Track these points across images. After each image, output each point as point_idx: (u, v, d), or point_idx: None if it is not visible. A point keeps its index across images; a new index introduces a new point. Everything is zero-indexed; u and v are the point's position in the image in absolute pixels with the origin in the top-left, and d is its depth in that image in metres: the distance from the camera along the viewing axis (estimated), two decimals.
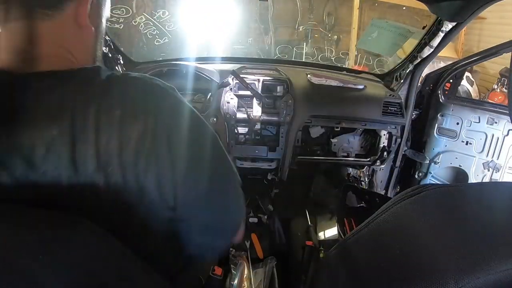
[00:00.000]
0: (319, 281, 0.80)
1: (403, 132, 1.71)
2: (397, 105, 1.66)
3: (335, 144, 1.81)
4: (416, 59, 1.54)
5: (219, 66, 1.80)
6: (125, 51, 1.76)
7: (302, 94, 1.61)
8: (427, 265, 0.45)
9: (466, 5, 1.12)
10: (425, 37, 1.44)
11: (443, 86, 1.72)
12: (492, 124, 1.61)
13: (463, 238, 0.46)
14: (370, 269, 0.57)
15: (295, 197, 2.02)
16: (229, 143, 1.61)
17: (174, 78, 1.71)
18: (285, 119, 1.59)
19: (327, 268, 0.78)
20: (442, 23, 1.29)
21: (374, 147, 1.80)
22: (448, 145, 1.77)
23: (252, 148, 1.64)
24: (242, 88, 1.62)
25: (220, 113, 1.59)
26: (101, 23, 0.57)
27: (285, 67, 1.89)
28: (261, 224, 1.69)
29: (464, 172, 1.73)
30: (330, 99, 1.64)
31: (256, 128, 1.65)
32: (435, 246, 0.47)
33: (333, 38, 4.63)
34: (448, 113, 1.74)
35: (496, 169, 1.62)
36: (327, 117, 1.64)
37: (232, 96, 1.60)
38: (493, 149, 1.62)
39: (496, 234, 0.46)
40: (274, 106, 1.65)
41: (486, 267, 0.41)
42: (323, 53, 4.64)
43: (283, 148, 1.62)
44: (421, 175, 1.88)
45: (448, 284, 0.41)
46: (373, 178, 1.94)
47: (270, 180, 1.74)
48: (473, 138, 1.67)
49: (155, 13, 4.21)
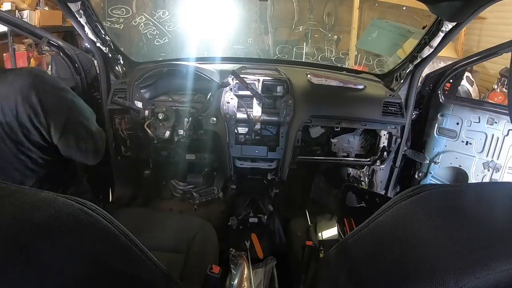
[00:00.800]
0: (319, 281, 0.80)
1: (403, 132, 1.71)
2: (397, 105, 1.66)
3: (335, 144, 1.81)
4: (416, 59, 1.54)
5: (219, 66, 1.81)
6: (125, 51, 1.76)
7: (302, 94, 1.61)
8: (427, 265, 0.44)
9: (466, 5, 1.11)
10: (425, 37, 1.44)
11: (443, 86, 1.72)
12: (492, 124, 1.61)
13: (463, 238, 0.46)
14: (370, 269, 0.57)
15: (295, 197, 2.02)
16: (229, 143, 1.61)
17: (174, 78, 1.71)
18: (285, 119, 1.59)
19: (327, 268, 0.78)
20: (442, 23, 1.29)
21: (374, 147, 1.80)
22: (448, 145, 1.77)
23: (252, 148, 1.64)
24: (242, 88, 1.62)
25: (220, 113, 1.59)
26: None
27: (285, 67, 1.89)
28: (261, 224, 1.69)
29: (464, 172, 1.73)
30: (330, 99, 1.64)
31: (256, 128, 1.65)
32: (435, 246, 0.47)
33: (333, 38, 4.63)
34: (448, 113, 1.74)
35: (496, 169, 1.62)
36: (327, 117, 1.64)
37: (232, 96, 1.60)
38: (493, 149, 1.62)
39: (496, 234, 0.46)
40: (274, 106, 1.65)
41: (486, 267, 0.41)
42: (323, 53, 4.63)
43: (283, 148, 1.62)
44: (421, 175, 1.88)
45: (448, 284, 0.41)
46: (373, 178, 1.94)
47: (270, 180, 1.74)
48: (473, 138, 1.67)
49: (155, 13, 4.21)
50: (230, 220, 1.68)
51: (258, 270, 1.41)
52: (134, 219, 1.32)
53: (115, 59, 1.66)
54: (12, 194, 0.43)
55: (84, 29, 1.42)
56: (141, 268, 0.53)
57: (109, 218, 0.48)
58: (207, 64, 1.82)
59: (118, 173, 1.88)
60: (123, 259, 0.49)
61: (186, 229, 1.23)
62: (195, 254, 1.12)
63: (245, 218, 1.70)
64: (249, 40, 4.50)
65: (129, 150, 1.75)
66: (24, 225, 0.39)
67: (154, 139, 1.59)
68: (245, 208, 1.75)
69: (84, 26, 1.40)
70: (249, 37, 4.49)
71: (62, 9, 1.31)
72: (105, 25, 1.55)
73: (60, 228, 0.41)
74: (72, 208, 0.44)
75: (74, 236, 0.42)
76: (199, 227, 1.25)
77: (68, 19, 1.43)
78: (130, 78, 1.63)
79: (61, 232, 0.41)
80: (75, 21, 1.37)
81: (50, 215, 0.41)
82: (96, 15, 1.43)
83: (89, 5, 1.35)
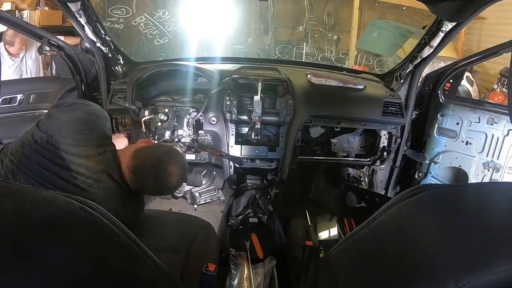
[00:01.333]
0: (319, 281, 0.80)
1: (403, 132, 1.71)
2: (397, 105, 1.65)
3: (335, 144, 1.81)
4: (416, 59, 1.54)
5: (219, 66, 1.81)
6: (125, 51, 1.76)
7: (302, 94, 1.61)
8: (427, 265, 0.44)
9: (466, 5, 1.11)
10: (425, 37, 1.43)
11: (443, 86, 1.72)
12: (492, 124, 1.60)
13: (463, 238, 0.46)
14: (370, 269, 0.57)
15: (295, 197, 2.02)
16: (229, 143, 1.61)
17: (174, 78, 1.71)
18: (285, 119, 1.59)
19: (327, 268, 0.78)
20: (442, 23, 1.29)
21: (374, 147, 1.80)
22: (448, 145, 1.76)
23: (252, 148, 1.64)
24: (242, 88, 1.62)
25: (220, 113, 1.59)
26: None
27: (285, 67, 1.89)
28: (261, 224, 1.69)
29: (464, 172, 1.73)
30: (330, 99, 1.64)
31: (256, 128, 1.65)
32: (435, 246, 0.47)
33: (333, 38, 4.62)
34: (448, 113, 1.74)
35: (496, 169, 1.62)
36: (327, 117, 1.64)
37: (232, 96, 1.61)
38: (493, 149, 1.61)
39: (496, 234, 0.46)
40: (274, 106, 1.64)
41: (486, 267, 0.41)
42: (323, 53, 4.63)
43: (283, 148, 1.62)
44: (421, 175, 1.88)
45: (448, 284, 0.41)
46: (373, 178, 1.94)
47: (270, 180, 1.74)
48: (473, 138, 1.67)
49: (155, 13, 4.20)
50: (230, 220, 1.68)
51: (258, 270, 1.41)
52: None
53: (115, 59, 1.66)
54: (13, 193, 0.43)
55: (84, 29, 1.42)
56: (141, 267, 0.53)
57: (109, 217, 0.48)
58: (207, 64, 1.82)
59: None
60: (123, 258, 0.49)
61: (186, 229, 1.23)
62: (195, 254, 1.12)
63: (245, 218, 1.70)
64: (249, 40, 4.50)
65: None
66: (24, 223, 0.39)
67: (154, 139, 1.59)
68: (245, 208, 1.75)
69: (84, 26, 1.40)
70: (249, 37, 4.49)
71: (62, 9, 1.31)
72: (105, 25, 1.55)
73: (60, 227, 0.41)
74: (73, 206, 0.44)
75: (74, 234, 0.42)
76: (199, 227, 1.25)
77: (68, 19, 1.43)
78: (130, 78, 1.63)
79: (62, 231, 0.41)
80: (75, 21, 1.37)
81: (51, 214, 0.41)
82: (96, 15, 1.43)
83: (89, 5, 1.35)
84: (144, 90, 1.67)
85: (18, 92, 1.74)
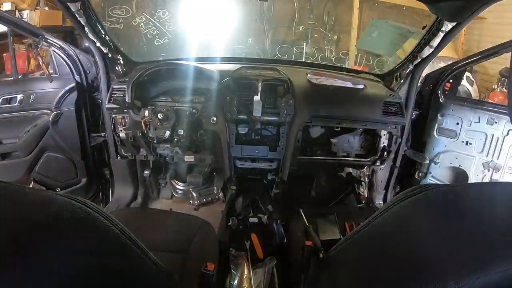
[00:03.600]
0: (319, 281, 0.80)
1: (403, 132, 1.71)
2: (397, 105, 1.65)
3: (335, 144, 1.81)
4: (416, 59, 1.54)
5: (219, 66, 1.80)
6: (125, 51, 1.76)
7: (303, 94, 1.61)
8: (427, 265, 0.44)
9: (466, 5, 1.11)
10: (425, 37, 1.43)
11: (443, 86, 1.71)
12: (492, 124, 1.60)
13: (463, 238, 0.46)
14: (370, 269, 0.57)
15: (295, 197, 2.02)
16: (229, 143, 1.61)
17: (174, 78, 1.71)
18: (286, 119, 1.59)
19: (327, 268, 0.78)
20: (442, 23, 1.29)
21: (374, 147, 1.80)
22: (448, 145, 1.76)
23: (253, 148, 1.64)
24: (242, 88, 1.62)
25: (220, 113, 1.58)
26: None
27: (285, 67, 1.89)
28: (261, 224, 1.69)
29: (464, 172, 1.73)
30: (330, 99, 1.64)
31: (257, 128, 1.65)
32: (435, 246, 0.47)
33: (333, 38, 4.62)
34: (448, 113, 1.74)
35: (496, 169, 1.62)
36: (327, 117, 1.64)
37: (232, 96, 1.60)
38: (493, 149, 1.61)
39: (496, 234, 0.46)
40: (274, 106, 1.64)
41: (486, 267, 0.41)
42: (323, 53, 4.62)
43: (283, 148, 1.62)
44: (421, 175, 1.88)
45: (448, 284, 0.41)
46: (373, 178, 1.93)
47: (270, 180, 1.74)
48: (473, 138, 1.67)
49: (155, 13, 4.20)
50: (230, 220, 1.67)
51: (258, 270, 1.41)
52: (134, 219, 1.32)
53: (115, 59, 1.66)
54: (12, 193, 0.43)
55: (84, 29, 1.42)
56: (141, 267, 0.53)
57: (109, 217, 0.48)
58: (207, 64, 1.82)
59: (117, 173, 1.88)
60: (123, 258, 0.49)
61: (186, 229, 1.23)
62: (195, 254, 1.12)
63: (245, 218, 1.70)
64: (249, 40, 4.50)
65: (129, 150, 1.75)
66: (24, 224, 0.39)
67: (154, 139, 1.59)
68: (245, 208, 1.75)
69: (84, 26, 1.40)
70: (249, 37, 4.49)
71: (62, 9, 1.31)
72: (105, 25, 1.55)
73: (60, 227, 0.41)
74: (72, 207, 0.44)
75: (74, 234, 0.42)
76: (199, 227, 1.25)
77: (68, 19, 1.43)
78: (130, 78, 1.63)
79: (61, 231, 0.41)
80: (75, 21, 1.37)
81: (50, 214, 0.41)
82: (96, 15, 1.43)
83: (89, 5, 1.35)
84: (144, 89, 1.67)
85: (18, 92, 1.74)
